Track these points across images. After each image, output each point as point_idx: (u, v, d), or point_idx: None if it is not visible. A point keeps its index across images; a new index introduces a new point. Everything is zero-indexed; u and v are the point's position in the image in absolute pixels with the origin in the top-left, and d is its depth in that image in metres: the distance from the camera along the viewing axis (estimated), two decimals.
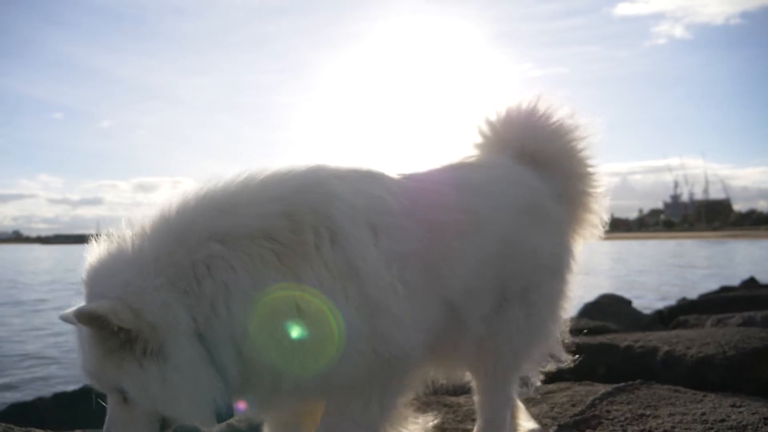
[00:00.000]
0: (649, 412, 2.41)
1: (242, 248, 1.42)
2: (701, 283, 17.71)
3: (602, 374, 3.51)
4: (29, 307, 14.82)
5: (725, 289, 10.02)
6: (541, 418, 2.47)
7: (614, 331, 5.13)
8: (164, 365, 1.32)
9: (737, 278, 14.06)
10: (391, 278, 1.56)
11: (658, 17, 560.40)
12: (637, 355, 3.50)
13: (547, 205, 2.05)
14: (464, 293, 1.78)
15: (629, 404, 2.52)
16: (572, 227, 2.21)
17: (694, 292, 12.67)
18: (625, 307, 6.55)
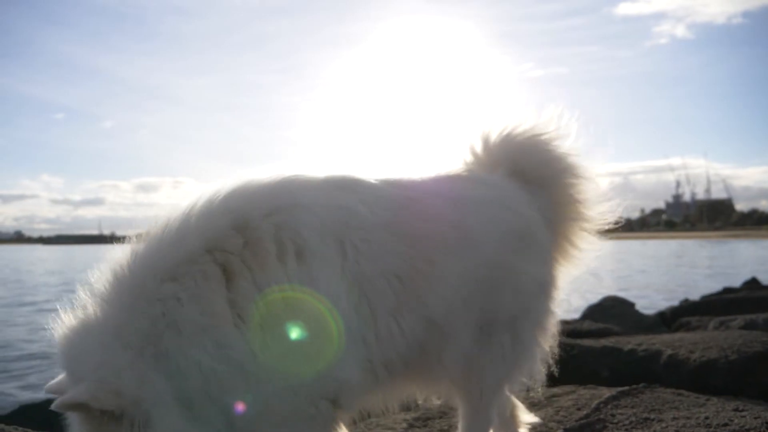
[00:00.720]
0: (653, 415, 2.45)
1: (189, 274, 1.36)
2: (703, 283, 17.73)
3: (606, 377, 3.55)
4: (36, 307, 14.88)
5: (727, 290, 10.03)
6: (546, 421, 2.51)
7: (617, 333, 5.16)
8: None
9: (739, 278, 14.08)
10: (348, 306, 1.49)
11: (659, 17, 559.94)
12: (640, 358, 3.54)
13: (539, 232, 2.00)
14: (447, 310, 1.73)
15: (633, 408, 2.55)
16: (557, 254, 2.17)
17: (696, 292, 12.68)
18: (628, 309, 6.58)
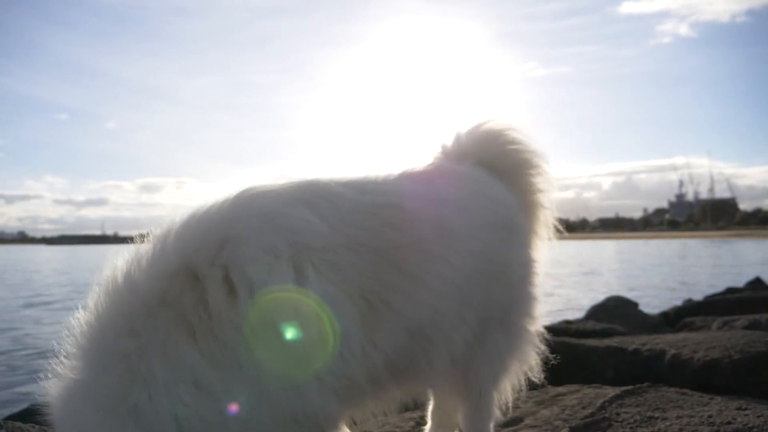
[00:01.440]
0: (657, 414, 2.48)
1: (150, 329, 1.34)
2: (706, 283, 17.71)
3: (610, 377, 3.59)
4: (50, 307, 15.00)
5: (731, 290, 10.04)
6: (552, 420, 2.55)
7: (621, 333, 5.19)
8: None
9: (743, 278, 14.07)
10: (318, 332, 1.44)
11: (662, 15, 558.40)
12: (644, 358, 3.57)
13: (519, 219, 2.01)
14: (434, 316, 1.68)
15: (638, 407, 2.59)
16: (533, 239, 2.19)
17: (699, 292, 12.69)
18: (631, 309, 6.61)
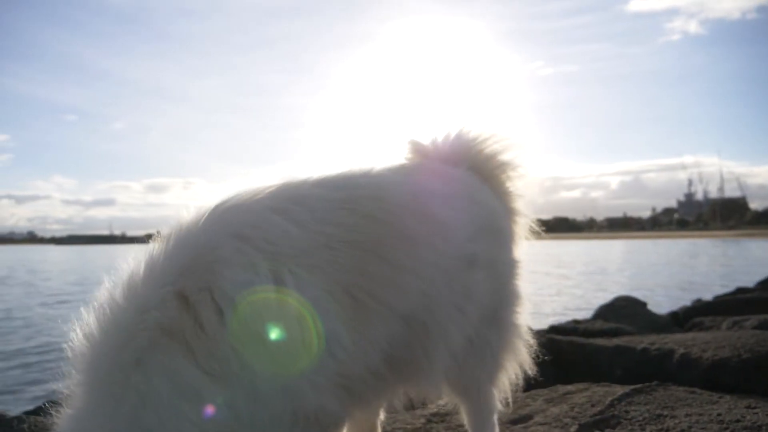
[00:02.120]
0: (666, 412, 2.50)
1: (154, 359, 1.38)
2: (716, 283, 17.62)
3: (619, 376, 3.61)
4: (60, 306, 15.18)
5: (740, 290, 9.99)
6: (561, 417, 2.57)
7: (630, 333, 5.20)
8: None
9: (753, 278, 13.98)
10: (302, 338, 1.46)
11: (671, 13, 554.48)
12: (653, 357, 3.59)
13: (503, 222, 2.04)
14: (427, 302, 1.67)
15: (647, 405, 2.61)
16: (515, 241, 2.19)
17: (708, 293, 12.63)
18: (640, 309, 6.59)
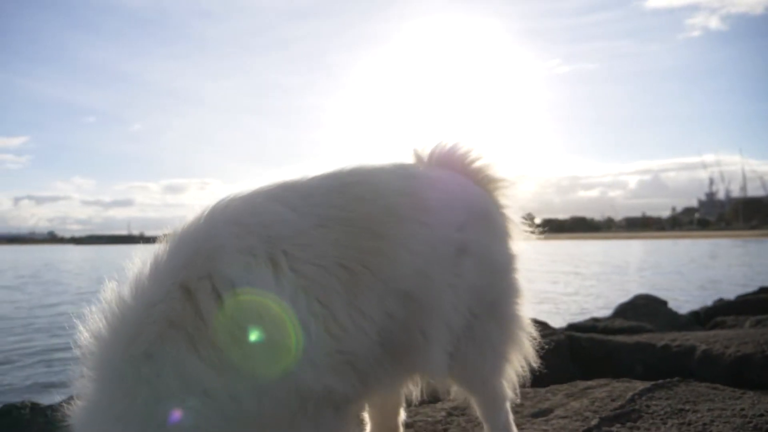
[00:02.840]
0: (688, 407, 2.50)
1: (163, 352, 1.43)
2: (738, 283, 17.33)
3: (640, 373, 3.59)
4: (81, 305, 15.49)
5: (764, 289, 9.83)
6: (582, 411, 2.58)
7: (650, 331, 5.17)
8: None
9: None
10: (297, 317, 1.50)
11: (692, 9, 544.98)
12: (674, 354, 3.57)
13: (496, 213, 2.06)
14: (420, 279, 1.68)
15: (668, 399, 2.61)
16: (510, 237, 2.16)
17: (731, 292, 12.44)
18: (660, 307, 6.52)
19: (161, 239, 1.59)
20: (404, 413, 2.23)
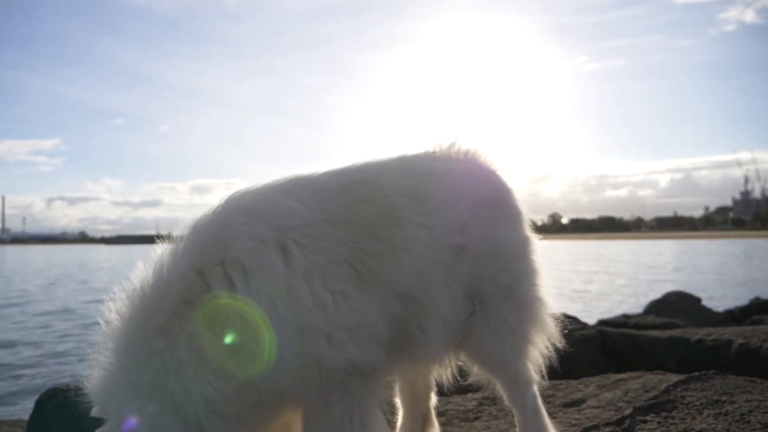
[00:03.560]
0: (725, 398, 2.46)
1: (177, 326, 1.54)
2: None
3: (673, 367, 3.54)
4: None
5: None
6: (615, 402, 2.57)
7: (683, 327, 5.07)
8: None
9: None
10: (311, 296, 1.58)
11: (725, 2, 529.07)
12: (709, 348, 3.51)
13: (510, 199, 2.06)
14: (420, 281, 1.74)
15: (704, 391, 2.57)
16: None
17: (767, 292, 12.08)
18: (694, 304, 6.37)
19: (181, 229, 1.71)
20: (435, 398, 2.25)
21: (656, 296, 7.85)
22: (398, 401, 2.24)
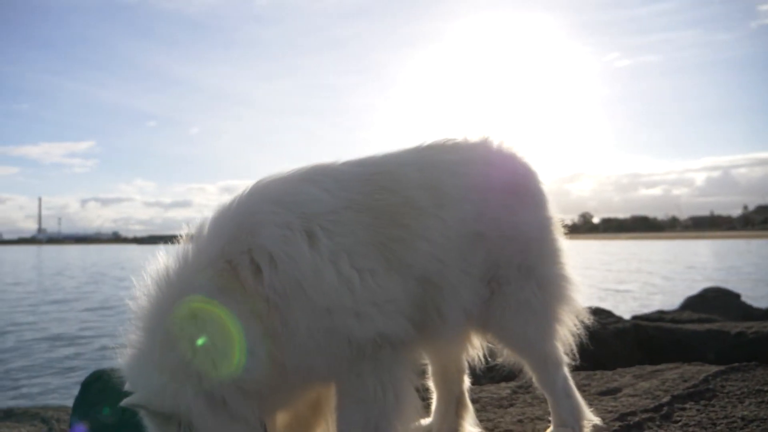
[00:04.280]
0: (766, 388, 2.40)
1: (206, 311, 1.61)
2: None
3: (712, 360, 3.46)
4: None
5: None
6: (652, 390, 2.53)
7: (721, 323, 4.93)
8: None
9: None
10: (338, 276, 1.64)
11: None
12: (749, 341, 3.42)
13: (530, 183, 2.06)
14: (440, 267, 1.80)
15: (744, 381, 2.52)
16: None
17: None
18: (732, 300, 6.19)
19: (202, 219, 1.78)
20: (468, 380, 2.26)
21: (693, 291, 7.64)
22: (432, 385, 2.26)
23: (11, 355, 10.41)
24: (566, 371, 2.06)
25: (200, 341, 1.62)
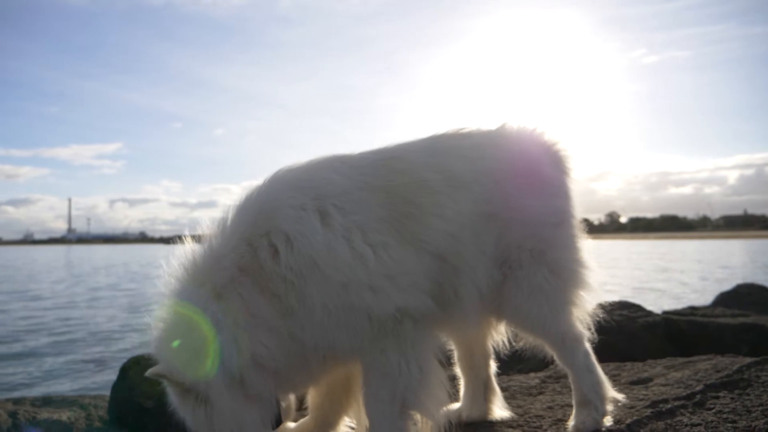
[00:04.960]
0: None
1: (233, 292, 1.71)
2: None
3: (746, 353, 3.39)
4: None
5: None
6: (684, 380, 2.50)
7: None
8: (210, 411, 1.69)
9: None
10: (351, 251, 1.70)
11: None
12: None
13: (542, 168, 2.07)
14: (453, 244, 1.83)
15: None
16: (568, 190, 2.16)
17: None
18: (767, 296, 6.03)
19: (227, 207, 1.87)
20: (494, 365, 2.27)
21: (727, 287, 7.44)
22: (458, 371, 2.29)
23: (64, 348, 10.83)
24: (588, 347, 2.04)
25: (222, 320, 1.70)
